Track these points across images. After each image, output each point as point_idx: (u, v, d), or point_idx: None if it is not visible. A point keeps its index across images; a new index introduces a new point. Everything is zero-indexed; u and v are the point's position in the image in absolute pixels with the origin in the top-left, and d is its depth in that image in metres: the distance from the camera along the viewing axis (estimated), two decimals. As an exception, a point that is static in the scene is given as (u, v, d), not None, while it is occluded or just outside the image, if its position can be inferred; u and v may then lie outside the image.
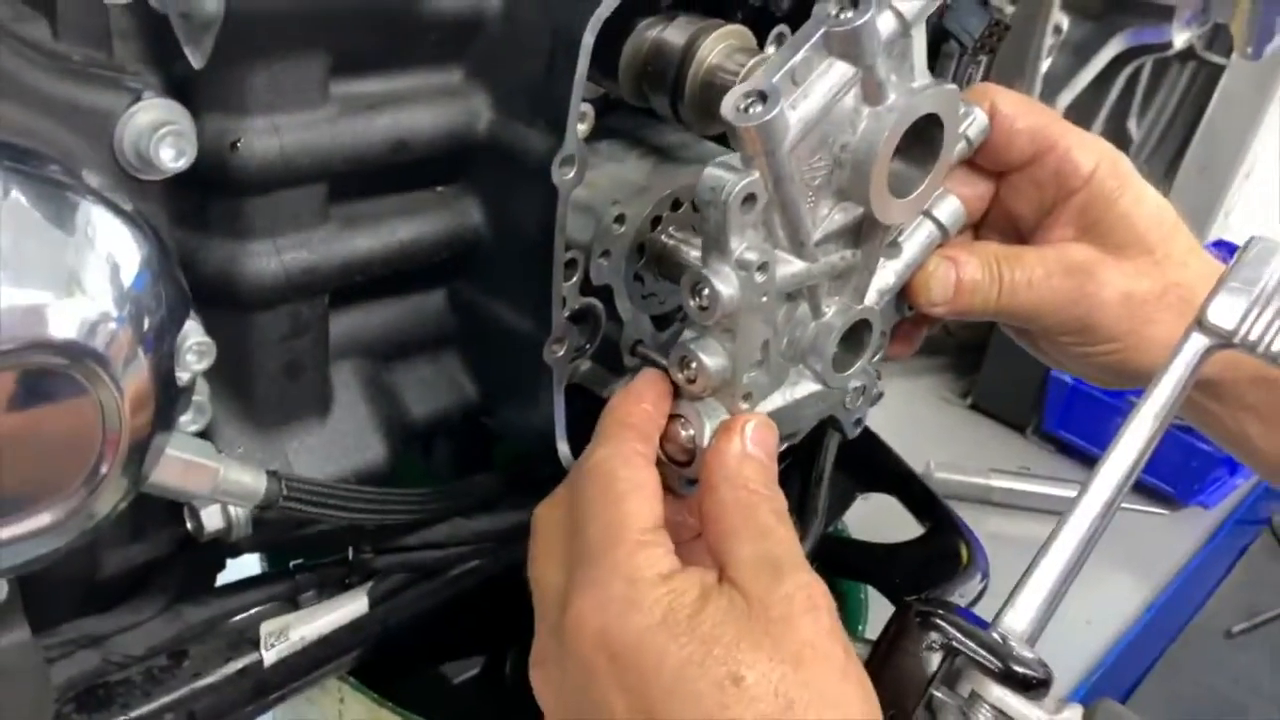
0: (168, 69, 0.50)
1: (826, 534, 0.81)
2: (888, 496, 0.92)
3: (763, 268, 0.56)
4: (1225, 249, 1.86)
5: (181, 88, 0.50)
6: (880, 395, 0.90)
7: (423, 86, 0.59)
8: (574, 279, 0.66)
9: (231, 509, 0.57)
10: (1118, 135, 1.82)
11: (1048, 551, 0.59)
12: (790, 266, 0.59)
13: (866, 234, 0.62)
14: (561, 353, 0.64)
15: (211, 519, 0.57)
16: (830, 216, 0.60)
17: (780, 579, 0.50)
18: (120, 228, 0.42)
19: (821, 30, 0.54)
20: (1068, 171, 0.67)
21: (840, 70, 0.56)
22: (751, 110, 0.53)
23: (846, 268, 0.63)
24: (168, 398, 0.44)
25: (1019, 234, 0.71)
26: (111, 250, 0.42)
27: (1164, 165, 1.96)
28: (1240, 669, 1.40)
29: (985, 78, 0.98)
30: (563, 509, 0.55)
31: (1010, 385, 1.57)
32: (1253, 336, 0.58)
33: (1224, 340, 0.58)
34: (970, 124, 0.67)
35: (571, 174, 0.58)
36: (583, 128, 0.60)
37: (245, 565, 0.71)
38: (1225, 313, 0.58)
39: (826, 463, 0.83)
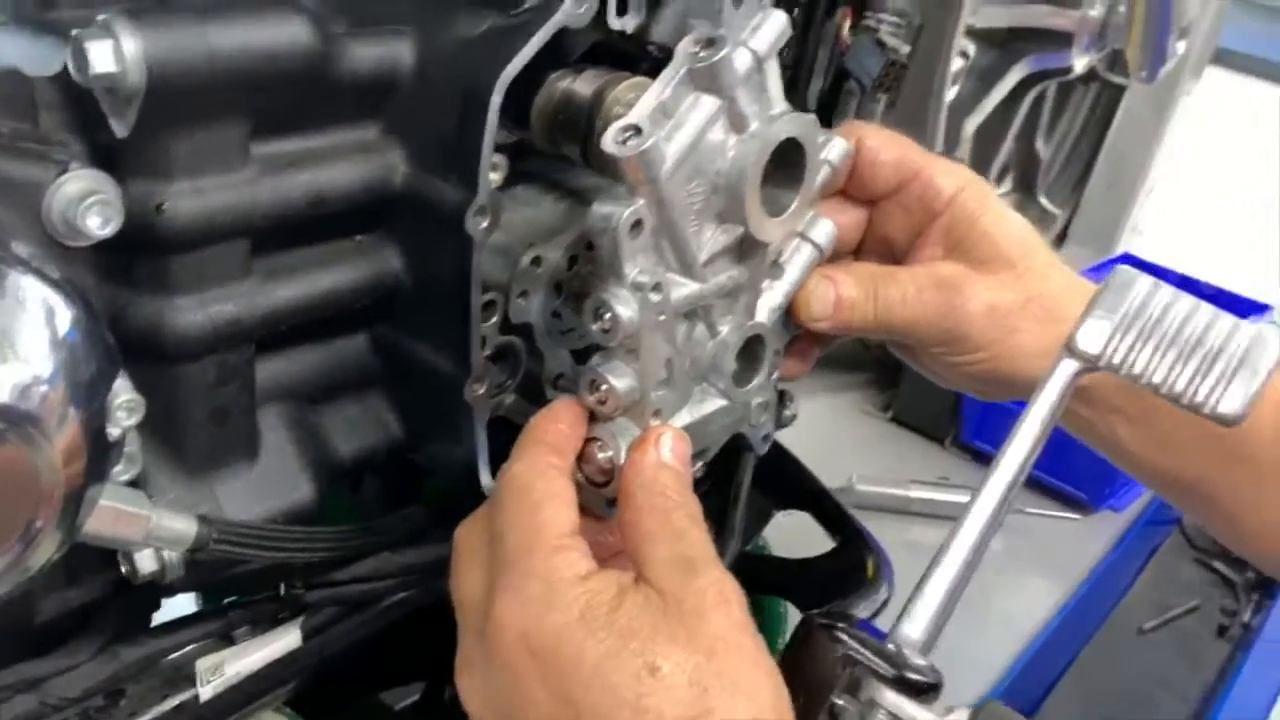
0: (93, 137, 0.53)
1: (745, 551, 0.85)
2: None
3: (656, 288, 0.61)
4: (1132, 263, 1.95)
5: (107, 154, 0.53)
6: (794, 417, 0.94)
7: (340, 143, 0.62)
8: (493, 319, 0.69)
9: (165, 552, 0.59)
10: (1027, 155, 1.90)
11: (939, 564, 0.64)
12: (683, 288, 0.65)
13: (748, 252, 0.68)
14: (481, 391, 0.67)
15: (145, 562, 0.59)
16: (714, 238, 0.65)
17: (694, 576, 0.53)
18: (50, 295, 0.45)
19: (684, 68, 0.60)
20: (931, 196, 0.73)
21: (707, 103, 0.62)
22: (629, 142, 0.58)
23: (735, 286, 0.68)
24: (100, 453, 0.47)
25: (894, 256, 0.77)
26: (41, 317, 0.44)
27: (1072, 183, 2.04)
28: (1151, 664, 1.47)
29: (886, 114, 1.03)
30: (481, 524, 0.59)
31: (929, 398, 1.63)
32: (1116, 360, 0.63)
33: (1091, 364, 0.63)
34: (831, 149, 0.72)
35: (485, 224, 0.62)
36: (496, 176, 0.64)
37: (180, 606, 0.73)
38: (1092, 339, 0.63)
39: (743, 483, 0.87)
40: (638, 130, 0.59)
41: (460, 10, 0.62)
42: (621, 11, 0.67)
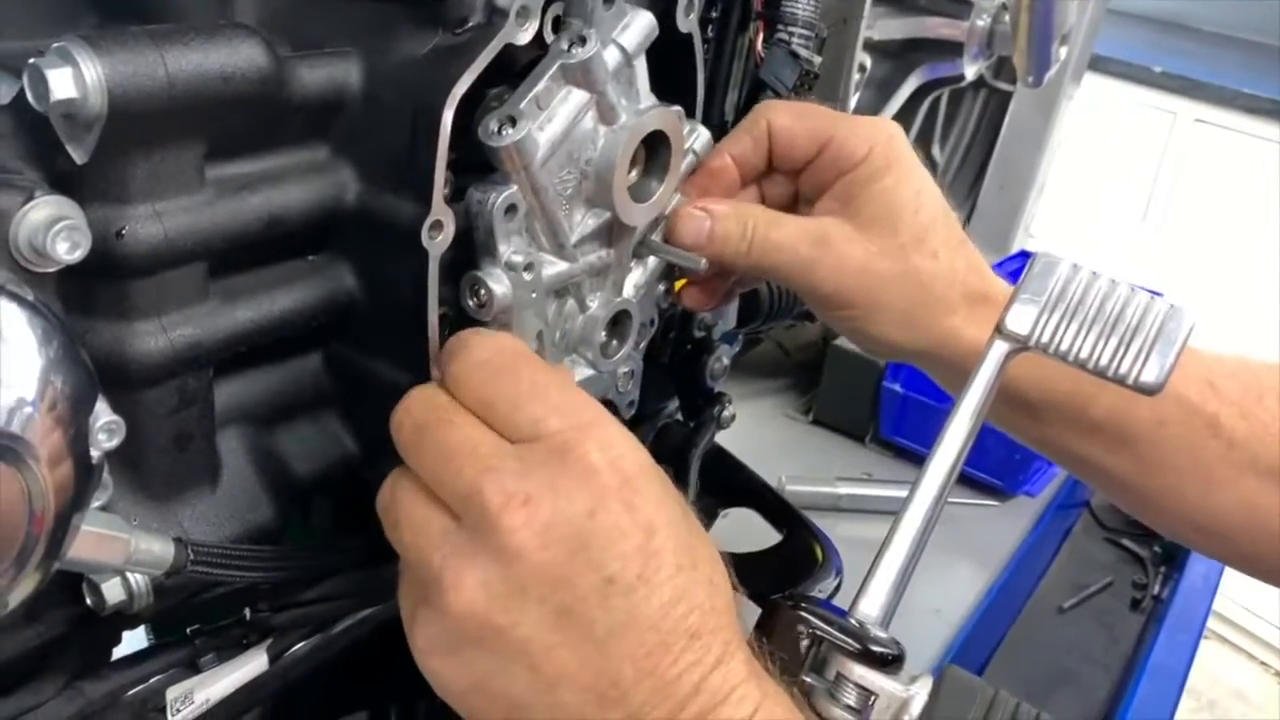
0: (49, 165, 0.52)
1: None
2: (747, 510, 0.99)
3: (529, 268, 0.66)
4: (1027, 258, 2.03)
5: (64, 181, 0.53)
6: (732, 418, 0.97)
7: (292, 164, 0.63)
8: (445, 332, 0.70)
9: (133, 580, 0.58)
10: (924, 161, 1.97)
11: (891, 542, 0.67)
12: (554, 266, 0.70)
13: (617, 234, 0.74)
14: (440, 403, 0.68)
15: (113, 592, 0.59)
16: (584, 221, 0.71)
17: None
18: (29, 318, 0.45)
19: (557, 63, 0.65)
20: (844, 158, 0.77)
21: (578, 96, 0.66)
22: (504, 132, 0.63)
23: (604, 265, 0.74)
24: (84, 476, 0.47)
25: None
26: (21, 340, 0.44)
27: (967, 185, 2.12)
28: (1072, 640, 1.53)
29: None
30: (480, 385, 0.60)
31: (847, 398, 1.68)
32: (1045, 339, 0.67)
33: (1021, 344, 0.67)
34: (696, 139, 0.78)
35: (440, 238, 0.63)
36: (445, 192, 0.65)
37: (136, 643, 0.72)
38: (1021, 320, 0.67)
39: (691, 485, 0.89)
40: (513, 121, 0.63)
41: (403, 31, 0.63)
42: (556, 29, 0.70)
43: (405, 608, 0.59)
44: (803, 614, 0.63)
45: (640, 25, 0.69)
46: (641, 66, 0.70)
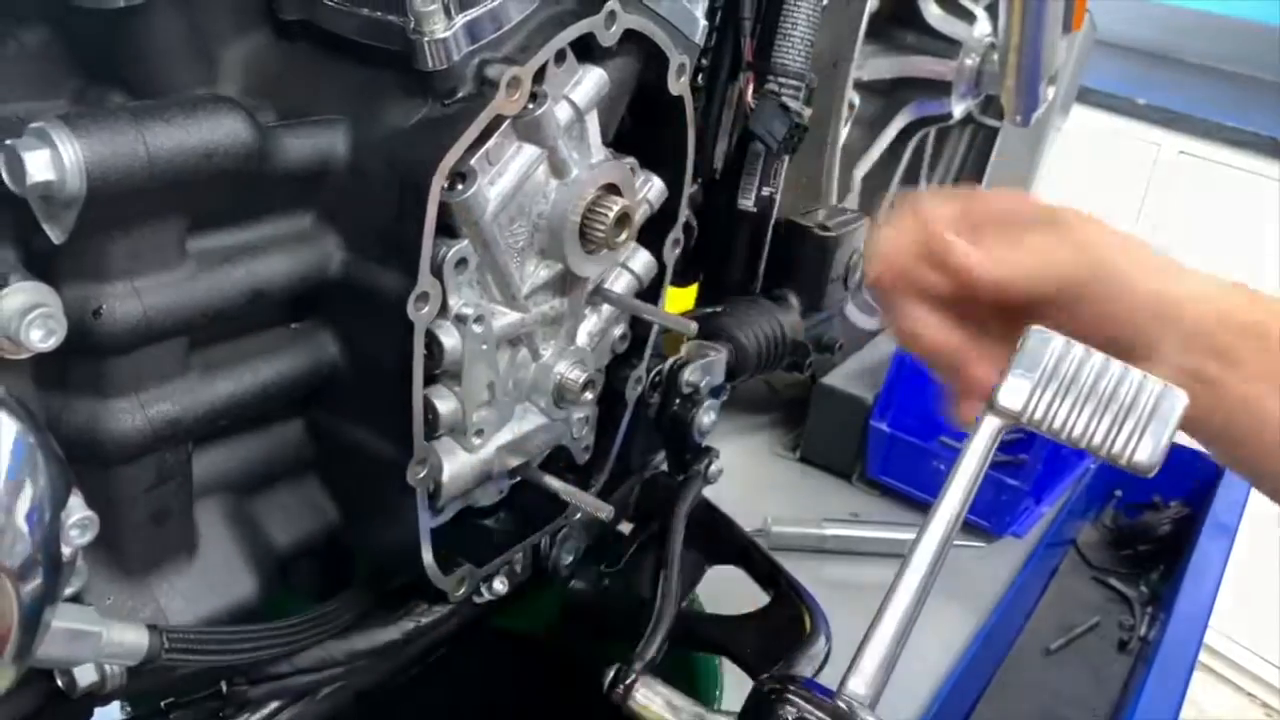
0: (26, 244, 0.51)
1: (680, 609, 0.86)
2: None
3: (479, 320, 0.66)
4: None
5: (40, 259, 0.52)
6: (720, 472, 0.96)
7: (275, 234, 0.62)
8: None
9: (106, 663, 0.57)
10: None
11: (882, 618, 0.66)
12: (506, 317, 0.69)
13: (570, 285, 0.73)
14: (424, 474, 0.67)
15: (85, 675, 0.57)
16: (536, 272, 0.70)
17: None
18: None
19: (509, 120, 0.64)
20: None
21: (529, 151, 0.66)
22: (454, 187, 0.62)
23: (557, 315, 0.74)
24: (54, 574, 0.45)
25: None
26: (-8, 441, 0.43)
27: (954, 220, 2.12)
28: (1060, 683, 1.52)
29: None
30: None
31: (833, 437, 1.66)
32: (1037, 416, 0.66)
33: (1014, 419, 0.67)
34: (649, 189, 0.77)
35: (426, 309, 0.62)
36: (432, 259, 0.64)
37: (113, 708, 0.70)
38: (1013, 396, 0.66)
39: (677, 547, 0.88)
40: (463, 177, 0.62)
41: (392, 100, 0.62)
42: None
43: None
44: (790, 698, 0.62)
45: (591, 81, 0.68)
46: (593, 120, 0.69)
